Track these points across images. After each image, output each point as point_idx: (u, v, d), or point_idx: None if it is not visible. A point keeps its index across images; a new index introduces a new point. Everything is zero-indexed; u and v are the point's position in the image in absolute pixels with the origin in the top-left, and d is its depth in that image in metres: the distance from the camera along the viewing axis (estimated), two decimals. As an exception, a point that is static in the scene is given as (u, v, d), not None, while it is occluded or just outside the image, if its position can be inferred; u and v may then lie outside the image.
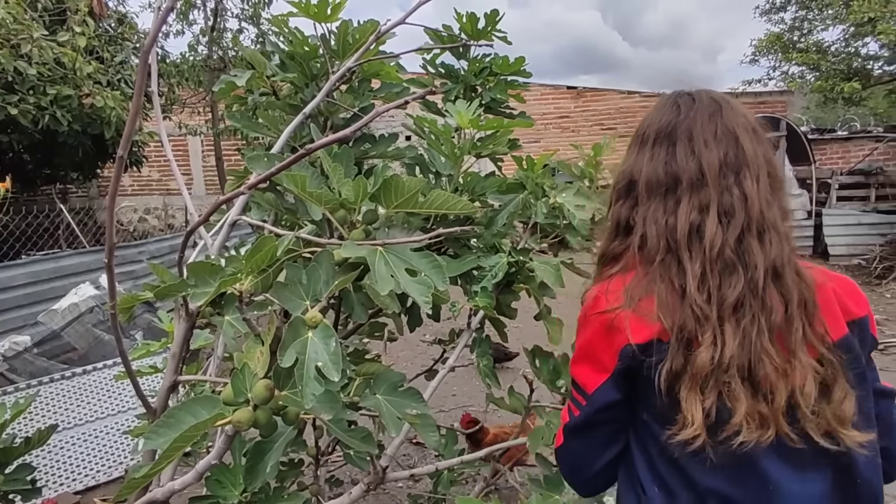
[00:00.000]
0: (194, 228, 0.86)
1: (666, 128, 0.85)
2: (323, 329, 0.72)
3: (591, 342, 0.83)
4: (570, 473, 0.93)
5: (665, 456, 0.79)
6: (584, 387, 0.84)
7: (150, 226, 11.71)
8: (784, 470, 0.75)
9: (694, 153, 0.81)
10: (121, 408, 3.36)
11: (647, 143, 0.87)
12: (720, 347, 0.73)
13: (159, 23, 0.65)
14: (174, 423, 0.67)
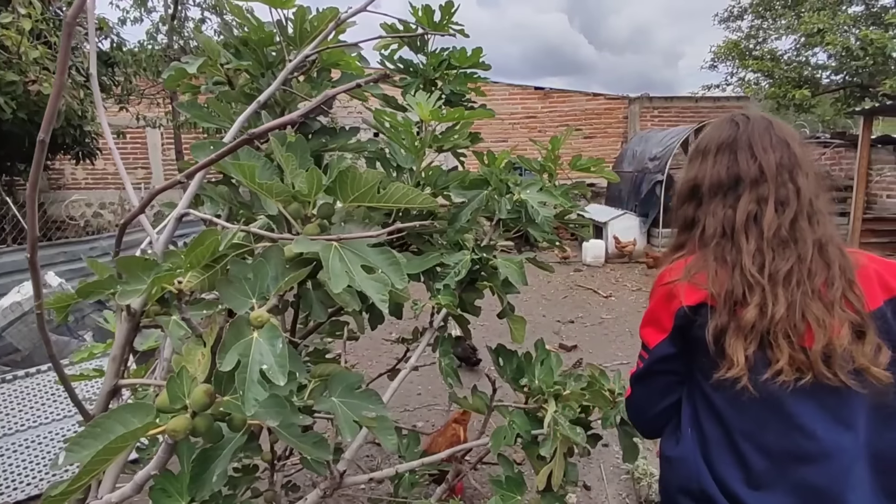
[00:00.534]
0: (128, 221, 0.80)
1: (727, 140, 1.04)
2: (269, 329, 0.67)
3: (655, 309, 1.02)
4: (635, 417, 1.12)
5: (706, 404, 0.97)
6: (648, 344, 1.03)
7: (105, 221, 11.20)
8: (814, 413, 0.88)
9: (755, 158, 0.99)
10: (67, 412, 3.18)
11: (709, 154, 1.06)
12: (770, 306, 0.88)
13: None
14: (100, 432, 0.61)
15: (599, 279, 7.34)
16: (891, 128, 12.55)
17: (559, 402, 1.40)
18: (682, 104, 11.10)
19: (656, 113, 11.00)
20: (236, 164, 0.80)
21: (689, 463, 0.96)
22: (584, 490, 2.63)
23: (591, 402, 1.45)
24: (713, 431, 0.95)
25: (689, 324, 0.95)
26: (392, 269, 0.85)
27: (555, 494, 1.33)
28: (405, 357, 2.03)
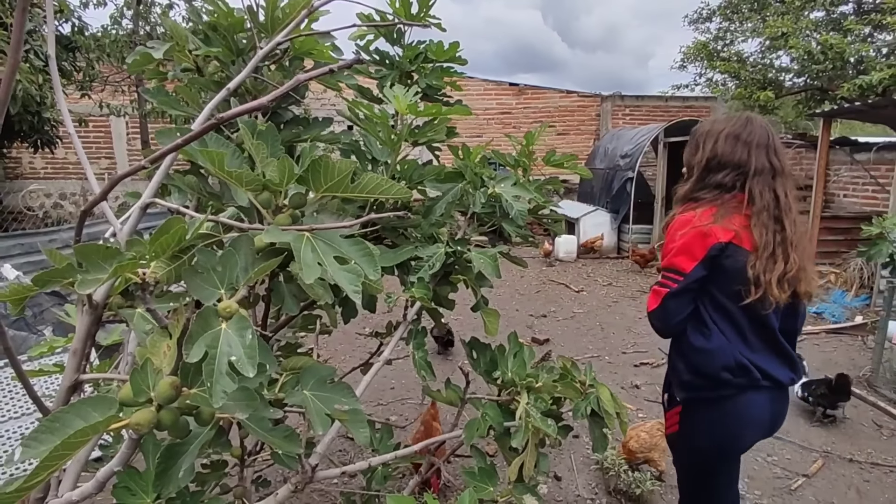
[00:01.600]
0: (89, 208, 0.77)
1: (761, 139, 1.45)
2: (238, 320, 0.65)
3: (688, 243, 1.41)
4: (663, 324, 1.48)
5: (723, 312, 1.44)
6: (684, 269, 1.41)
7: (66, 212, 10.77)
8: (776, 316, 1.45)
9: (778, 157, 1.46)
10: (25, 410, 3.06)
11: (750, 144, 1.45)
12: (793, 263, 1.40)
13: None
14: (59, 427, 0.59)
15: (571, 274, 7.44)
16: (848, 130, 13.09)
17: (531, 394, 1.41)
18: (652, 103, 11.32)
19: (628, 111, 11.19)
20: (204, 152, 0.78)
21: (725, 348, 1.42)
22: (554, 480, 2.67)
23: (562, 393, 1.48)
24: (730, 329, 1.44)
25: (719, 254, 1.39)
26: (365, 260, 0.84)
27: (526, 485, 1.35)
28: (378, 351, 2.02)
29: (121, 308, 1.10)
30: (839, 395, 3.22)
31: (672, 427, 1.61)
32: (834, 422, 3.27)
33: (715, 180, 1.44)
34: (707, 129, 1.51)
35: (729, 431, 1.50)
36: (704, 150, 1.48)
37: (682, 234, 1.41)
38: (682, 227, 1.42)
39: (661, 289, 1.45)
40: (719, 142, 1.45)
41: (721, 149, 1.44)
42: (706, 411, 1.50)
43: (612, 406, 1.47)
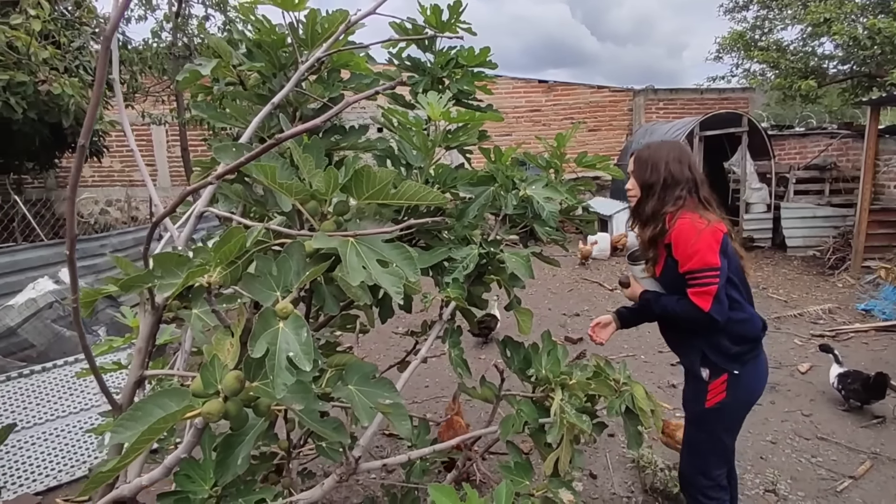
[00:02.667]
0: (160, 220, 0.84)
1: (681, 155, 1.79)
2: (294, 319, 0.72)
3: (710, 242, 1.63)
4: (722, 316, 1.64)
5: (734, 285, 1.70)
6: (716, 264, 1.62)
7: (112, 218, 11.30)
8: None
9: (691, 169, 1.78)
10: (83, 406, 3.26)
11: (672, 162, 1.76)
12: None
13: (121, 9, 0.63)
14: (141, 416, 0.66)
15: (605, 272, 7.37)
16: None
17: (565, 392, 1.44)
18: (687, 96, 11.06)
19: (661, 105, 10.96)
20: (258, 165, 0.84)
21: (754, 313, 1.74)
22: (590, 478, 2.68)
23: (596, 391, 1.50)
24: (745, 297, 1.74)
25: (726, 243, 1.67)
26: (405, 263, 0.89)
27: (561, 479, 1.38)
28: (414, 349, 2.08)
29: (179, 310, 1.19)
30: (874, 393, 3.15)
31: (718, 396, 1.73)
32: (883, 422, 3.16)
33: (675, 195, 1.72)
34: (653, 156, 1.78)
35: (761, 380, 1.79)
36: (659, 173, 1.74)
37: (696, 238, 1.63)
38: (691, 232, 1.64)
39: (709, 287, 1.63)
40: (669, 165, 1.74)
41: (672, 169, 1.73)
42: (752, 368, 1.75)
43: (647, 403, 1.49)
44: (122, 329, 3.99)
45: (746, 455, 2.88)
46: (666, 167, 1.74)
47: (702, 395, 1.74)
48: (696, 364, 1.74)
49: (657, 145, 1.81)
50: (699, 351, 1.74)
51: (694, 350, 1.75)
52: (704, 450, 1.81)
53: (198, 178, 1.69)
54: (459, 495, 1.03)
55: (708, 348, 1.72)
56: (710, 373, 1.73)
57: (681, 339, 1.81)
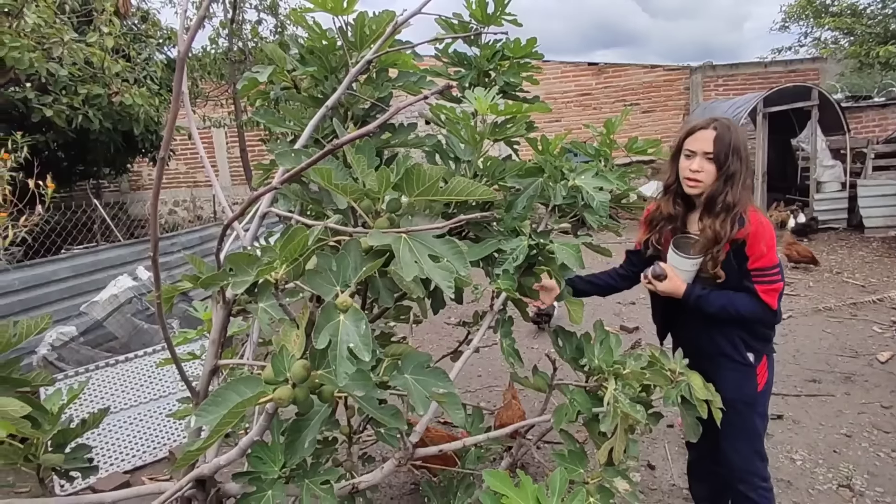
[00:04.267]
0: (232, 221, 0.92)
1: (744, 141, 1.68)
2: (353, 312, 0.77)
3: (773, 239, 1.61)
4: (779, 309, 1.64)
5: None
6: (779, 261, 1.61)
7: (179, 217, 12.03)
8: None
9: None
10: (162, 392, 3.53)
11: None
12: None
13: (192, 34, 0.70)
14: (221, 401, 0.73)
15: (661, 259, 7.12)
16: None
17: (619, 381, 1.43)
18: (749, 71, 10.41)
19: (720, 82, 10.39)
20: (316, 169, 0.90)
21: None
22: (648, 469, 2.64)
23: (651, 380, 1.48)
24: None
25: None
26: (456, 257, 0.92)
27: (616, 468, 1.38)
28: (466, 339, 2.12)
29: (247, 304, 1.28)
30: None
31: (764, 377, 1.74)
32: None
33: (748, 184, 1.64)
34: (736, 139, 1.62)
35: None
36: (742, 160, 1.61)
37: (771, 234, 1.61)
38: (769, 228, 1.61)
39: (777, 285, 1.60)
40: (743, 151, 1.62)
41: (746, 156, 1.63)
42: (772, 353, 1.78)
43: (705, 393, 1.46)
44: (192, 322, 4.28)
45: (818, 448, 2.74)
46: (743, 153, 1.61)
47: (752, 379, 1.72)
48: (741, 348, 1.71)
49: (734, 126, 1.63)
50: (737, 337, 1.71)
51: (732, 337, 1.71)
52: (757, 435, 1.78)
53: (259, 179, 1.79)
54: (514, 482, 1.06)
55: (747, 334, 1.71)
56: (755, 356, 1.72)
57: (714, 329, 1.72)
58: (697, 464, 2.10)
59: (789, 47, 11.65)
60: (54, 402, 1.41)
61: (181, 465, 0.85)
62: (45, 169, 4.28)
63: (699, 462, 2.08)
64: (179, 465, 0.84)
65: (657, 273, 1.66)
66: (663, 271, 1.66)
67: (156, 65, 6.59)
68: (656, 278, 1.66)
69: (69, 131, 5.46)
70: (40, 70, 4.53)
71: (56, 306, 4.25)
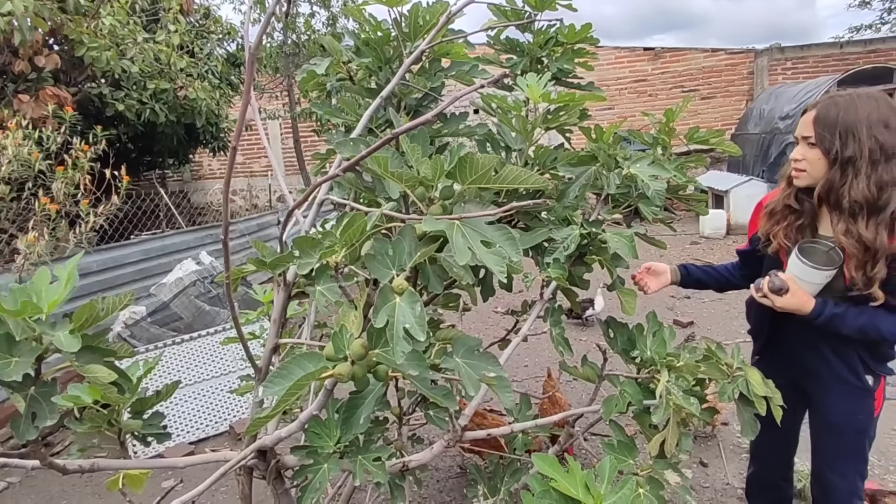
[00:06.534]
0: (296, 207, 0.97)
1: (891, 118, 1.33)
2: (409, 295, 0.80)
3: None
4: None
5: None
6: None
7: (236, 206, 12.58)
8: None
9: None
10: (223, 370, 3.74)
11: (881, 125, 1.31)
12: None
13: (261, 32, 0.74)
14: (287, 374, 0.79)
15: (719, 252, 6.83)
16: None
17: (672, 374, 1.41)
18: (822, 52, 9.71)
19: (789, 65, 9.76)
20: (373, 157, 0.93)
21: None
22: (700, 466, 2.57)
23: (706, 374, 1.44)
24: None
25: None
26: (508, 243, 0.94)
27: (668, 461, 1.36)
28: (515, 328, 2.13)
29: (307, 286, 1.34)
30: None
31: (879, 400, 1.51)
32: None
33: (893, 174, 1.26)
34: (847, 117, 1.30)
35: None
36: (861, 142, 1.27)
37: None
38: None
39: None
40: (874, 130, 1.27)
41: (882, 137, 1.26)
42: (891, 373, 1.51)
43: (764, 389, 1.41)
44: (251, 304, 4.50)
45: (889, 454, 2.58)
46: (869, 133, 1.27)
47: (868, 403, 1.50)
48: (859, 371, 1.48)
49: (850, 100, 1.31)
50: (857, 358, 1.47)
51: (850, 357, 1.48)
52: (862, 458, 1.57)
53: (315, 168, 1.86)
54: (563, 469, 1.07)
55: (868, 354, 1.47)
56: (874, 378, 1.49)
57: (827, 347, 1.50)
58: (760, 476, 1.87)
59: (869, 25, 10.78)
60: (133, 373, 1.54)
61: (250, 432, 0.92)
62: (118, 160, 4.59)
63: (763, 475, 1.86)
64: (248, 432, 0.91)
65: (777, 286, 1.36)
66: (784, 284, 1.36)
67: (216, 60, 6.89)
68: (775, 292, 1.37)
69: (138, 124, 5.82)
70: (115, 68, 4.85)
71: (128, 287, 4.58)
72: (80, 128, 4.70)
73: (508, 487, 1.67)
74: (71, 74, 5.22)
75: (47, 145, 3.80)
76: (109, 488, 1.35)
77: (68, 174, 3.54)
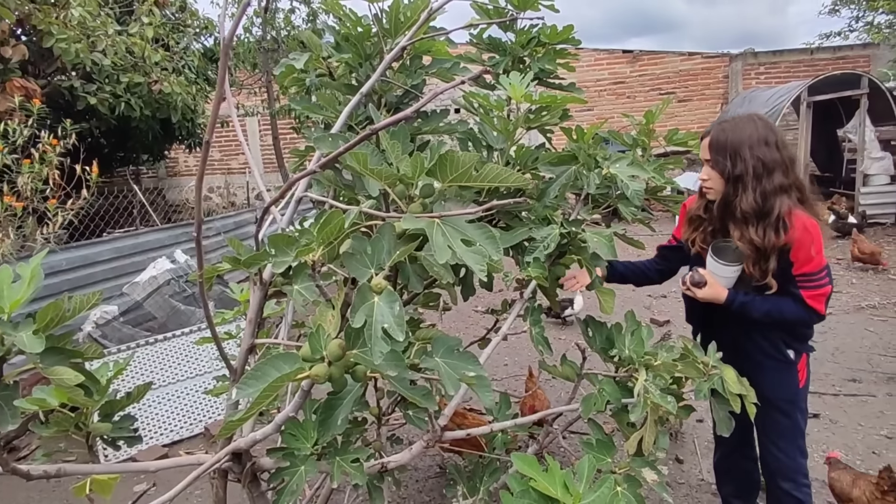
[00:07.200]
0: (272, 204, 0.95)
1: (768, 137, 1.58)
2: (388, 294, 0.78)
3: (821, 239, 1.53)
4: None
5: None
6: (826, 263, 1.55)
7: (213, 203, 12.35)
8: None
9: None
10: (198, 371, 3.66)
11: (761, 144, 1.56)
12: None
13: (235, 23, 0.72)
14: (261, 375, 0.77)
15: (694, 252, 6.94)
16: None
17: (650, 372, 1.42)
18: (793, 58, 9.98)
19: (762, 70, 10.00)
20: (352, 153, 0.91)
21: None
22: (676, 462, 2.61)
23: (682, 372, 1.46)
24: None
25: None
26: (488, 241, 0.93)
27: (645, 459, 1.37)
28: (494, 327, 2.13)
29: (283, 285, 1.32)
30: None
31: (803, 374, 1.71)
32: None
33: (774, 184, 1.51)
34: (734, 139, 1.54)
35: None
36: (746, 161, 1.51)
37: (818, 237, 1.53)
38: (815, 231, 1.53)
39: (825, 289, 1.54)
40: (755, 149, 1.51)
41: (761, 154, 1.51)
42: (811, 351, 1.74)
43: (738, 387, 1.43)
44: (228, 303, 4.41)
45: (856, 449, 2.66)
46: (752, 153, 1.51)
47: (794, 375, 1.70)
48: (781, 347, 1.68)
49: (734, 124, 1.56)
50: (778, 337, 1.67)
51: (773, 338, 1.68)
52: (801, 432, 1.76)
53: (294, 165, 1.83)
54: (542, 468, 1.07)
55: (787, 335, 1.67)
56: (795, 353, 1.69)
57: (754, 330, 1.69)
58: (726, 460, 2.07)
59: (838, 32, 11.07)
60: (102, 375, 1.49)
61: (223, 435, 0.89)
62: (90, 155, 4.45)
63: (728, 458, 2.05)
64: (221, 435, 0.88)
65: (696, 280, 1.61)
66: (703, 278, 1.61)
67: (193, 54, 6.74)
68: (696, 285, 1.62)
69: (111, 119, 5.66)
70: (85, 60, 4.70)
71: (100, 286, 4.44)
72: (49, 121, 4.55)
73: (488, 487, 1.67)
74: (40, 66, 5.05)
75: (13, 139, 3.67)
76: (76, 494, 1.30)
77: (35, 168, 3.41)
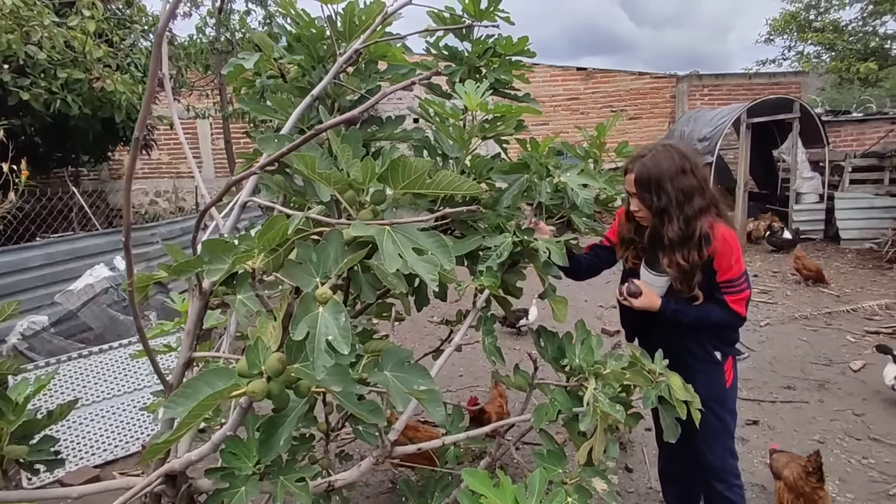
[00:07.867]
0: (207, 209, 0.89)
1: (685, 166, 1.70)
2: (333, 304, 0.74)
3: (739, 247, 1.67)
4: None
5: None
6: (745, 270, 1.71)
7: (160, 208, 11.80)
8: None
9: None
10: (136, 385, 3.45)
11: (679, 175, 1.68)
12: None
13: (171, 10, 0.67)
14: (192, 393, 0.71)
15: (643, 264, 7.19)
16: (970, 101, 11.55)
17: (599, 381, 1.43)
18: (734, 81, 10.60)
19: (706, 91, 10.56)
20: (299, 156, 0.87)
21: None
22: (625, 472, 2.65)
23: (631, 381, 1.48)
24: None
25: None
26: (440, 250, 0.90)
27: (595, 469, 1.37)
28: (449, 338, 2.11)
29: (224, 295, 1.25)
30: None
31: (730, 375, 1.82)
32: (943, 425, 3.00)
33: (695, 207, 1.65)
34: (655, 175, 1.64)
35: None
36: (669, 193, 1.64)
37: (737, 246, 1.67)
38: (734, 241, 1.68)
39: (745, 293, 1.70)
40: (675, 181, 1.63)
41: (680, 185, 1.64)
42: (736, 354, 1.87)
43: (684, 394, 1.46)
44: (171, 314, 4.19)
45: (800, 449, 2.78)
46: (672, 185, 1.63)
47: (721, 377, 1.80)
48: (709, 349, 1.80)
49: (654, 159, 1.66)
50: (707, 340, 1.79)
51: (702, 341, 1.80)
52: (729, 433, 1.86)
53: (242, 169, 1.75)
54: (493, 482, 1.04)
55: (715, 339, 1.80)
56: (722, 355, 1.81)
57: (685, 335, 1.79)
58: (669, 465, 2.14)
59: (773, 60, 11.82)
60: (20, 392, 1.36)
61: (148, 459, 0.82)
62: (22, 154, 4.15)
63: (671, 463, 2.13)
64: (146, 459, 0.81)
65: (633, 291, 1.74)
66: (638, 289, 1.74)
67: (140, 52, 6.44)
68: (632, 296, 1.74)
69: (47, 116, 5.31)
70: (18, 52, 4.40)
71: (28, 294, 4.12)
72: (-26, 117, 4.22)
73: (440, 502, 1.63)
74: (-35, 57, 4.68)
75: (-69, 134, 3.37)
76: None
77: (-45, 167, 3.15)
